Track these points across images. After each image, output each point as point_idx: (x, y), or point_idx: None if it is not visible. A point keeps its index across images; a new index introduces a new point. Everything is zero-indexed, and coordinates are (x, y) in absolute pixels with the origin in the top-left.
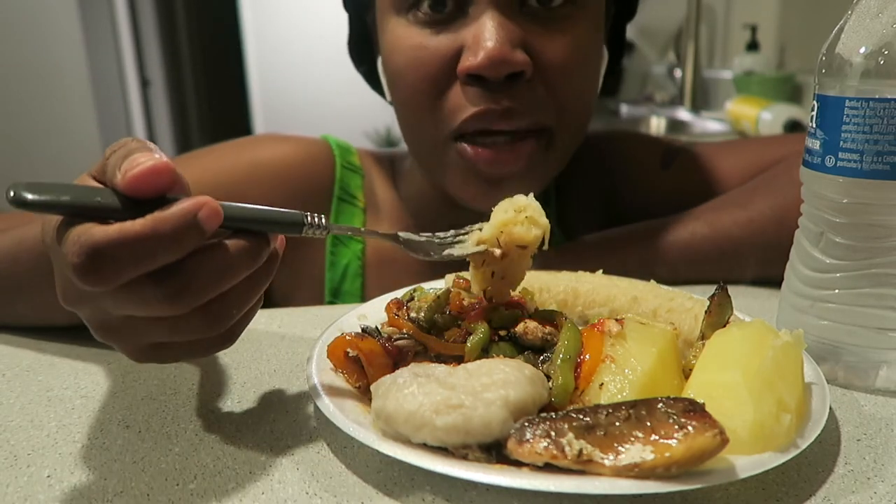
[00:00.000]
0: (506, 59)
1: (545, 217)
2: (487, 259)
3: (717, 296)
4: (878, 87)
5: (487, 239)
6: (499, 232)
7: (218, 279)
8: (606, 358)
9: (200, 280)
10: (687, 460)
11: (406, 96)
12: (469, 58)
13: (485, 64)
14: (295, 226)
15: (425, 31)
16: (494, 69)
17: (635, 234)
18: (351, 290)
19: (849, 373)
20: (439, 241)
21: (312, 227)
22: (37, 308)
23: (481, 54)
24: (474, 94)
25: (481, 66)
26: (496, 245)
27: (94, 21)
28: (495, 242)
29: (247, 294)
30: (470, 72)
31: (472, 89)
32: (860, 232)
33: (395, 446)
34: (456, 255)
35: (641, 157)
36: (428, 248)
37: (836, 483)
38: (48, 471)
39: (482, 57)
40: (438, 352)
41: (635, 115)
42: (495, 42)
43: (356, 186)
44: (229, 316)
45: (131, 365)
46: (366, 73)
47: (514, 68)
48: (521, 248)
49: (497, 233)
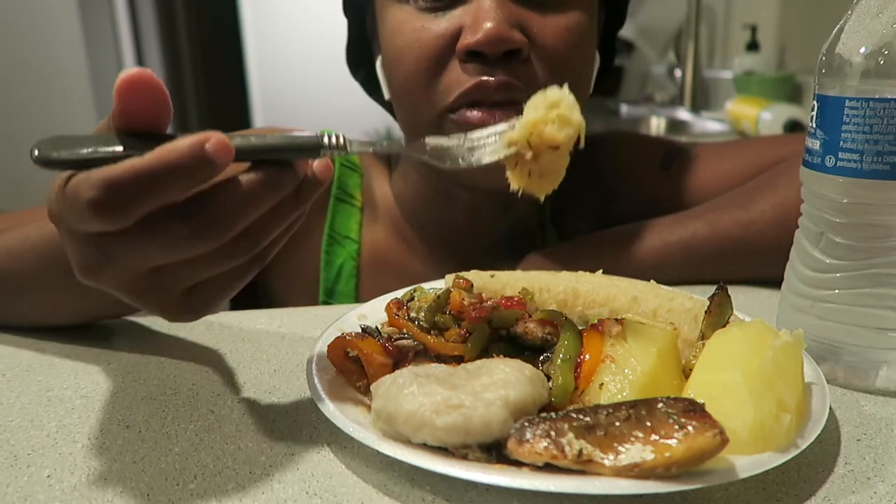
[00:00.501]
0: (503, 37)
1: (579, 112)
2: (520, 160)
3: (717, 296)
4: (878, 87)
5: (518, 140)
6: (529, 133)
7: (242, 210)
8: (606, 358)
9: (225, 212)
10: (687, 460)
11: (405, 76)
12: (468, 36)
13: (483, 40)
14: (314, 149)
15: (426, 16)
16: (492, 46)
17: (635, 233)
18: (345, 290)
19: (849, 373)
20: (468, 145)
21: (331, 148)
22: (38, 307)
23: (480, 32)
24: (472, 69)
25: (479, 43)
26: (527, 147)
27: (94, 21)
28: (526, 144)
29: (274, 222)
30: (469, 49)
31: (469, 66)
32: (860, 232)
33: (395, 446)
34: (486, 160)
35: (641, 158)
36: (456, 154)
37: (836, 483)
38: (48, 471)
39: (481, 34)
40: (438, 352)
41: (635, 116)
42: (494, 20)
43: (354, 185)
44: (256, 243)
45: (131, 365)
46: (363, 79)
47: (512, 45)
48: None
49: (528, 133)
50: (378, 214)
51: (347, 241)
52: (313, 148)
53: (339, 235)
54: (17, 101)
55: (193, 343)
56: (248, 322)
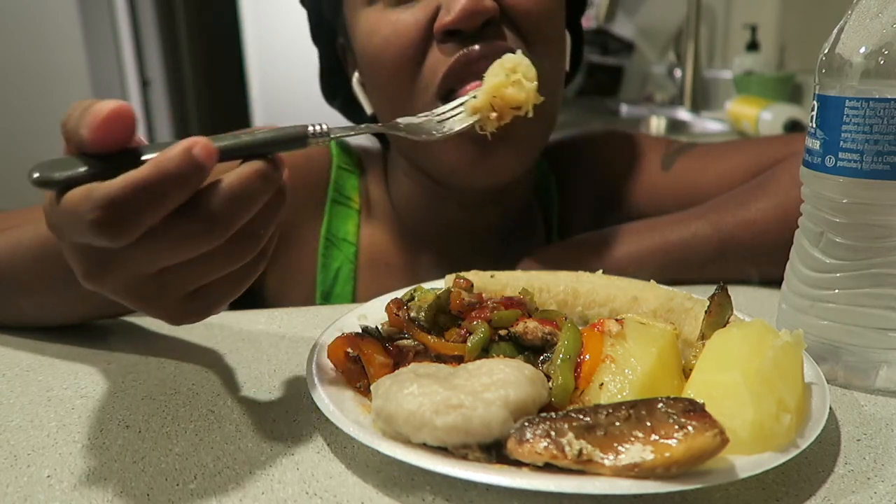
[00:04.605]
0: (479, 8)
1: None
2: (486, 123)
3: (717, 296)
4: (878, 87)
5: (482, 106)
6: (491, 97)
7: (242, 203)
8: (606, 358)
9: (226, 207)
10: (687, 460)
11: (389, 74)
12: (445, 16)
13: (460, 16)
14: (300, 139)
15: (398, 10)
16: (470, 20)
17: (635, 232)
18: (342, 293)
19: (849, 373)
20: (438, 118)
21: (315, 136)
22: (38, 307)
23: (456, 8)
24: (451, 48)
25: (457, 20)
26: (490, 110)
27: (94, 21)
28: (489, 108)
29: (269, 215)
30: (447, 27)
31: (448, 45)
32: (860, 232)
33: (395, 446)
34: (456, 129)
35: (641, 157)
36: (429, 128)
37: (836, 483)
38: (48, 471)
39: (457, 10)
40: (438, 352)
41: (635, 115)
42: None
43: (352, 187)
44: (258, 237)
45: (131, 364)
46: (341, 105)
47: (487, 14)
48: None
49: (490, 98)
50: (376, 217)
51: (344, 243)
52: (300, 138)
53: (336, 238)
54: (17, 101)
55: (193, 343)
56: (248, 322)
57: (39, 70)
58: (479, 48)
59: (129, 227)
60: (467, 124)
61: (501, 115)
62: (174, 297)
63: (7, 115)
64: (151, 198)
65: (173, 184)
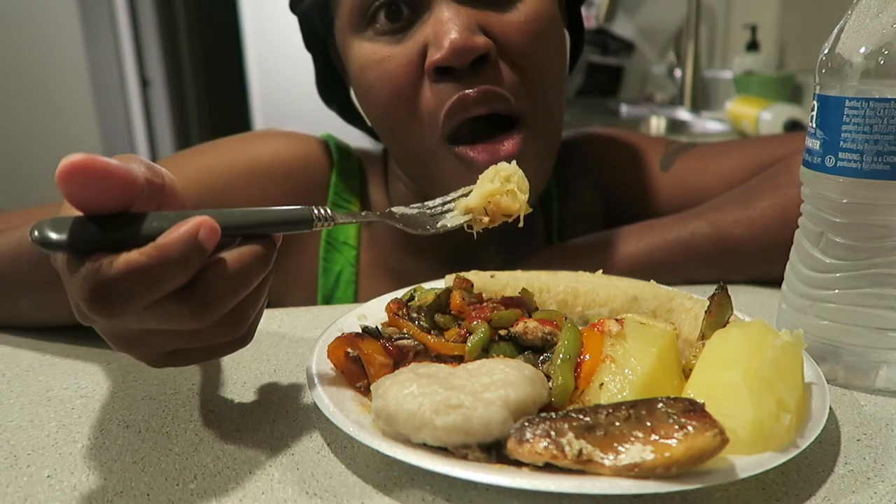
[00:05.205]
0: (468, 45)
1: (527, 184)
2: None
3: (717, 296)
4: (878, 87)
5: (475, 207)
6: (486, 202)
7: (236, 288)
8: (606, 358)
9: (220, 292)
10: (687, 460)
11: (383, 111)
12: (434, 53)
13: (449, 54)
14: (304, 222)
15: (388, 43)
16: (460, 57)
17: (635, 233)
18: (344, 297)
19: (849, 373)
20: (430, 212)
21: (320, 220)
22: (39, 308)
23: (445, 45)
24: (446, 88)
25: (446, 58)
26: (483, 213)
27: (94, 21)
28: (482, 211)
29: (258, 294)
30: (437, 65)
31: (442, 85)
32: (860, 232)
33: (395, 446)
34: (450, 226)
35: (641, 158)
36: (423, 222)
37: (836, 483)
38: (48, 471)
39: (446, 48)
40: (438, 352)
41: (635, 115)
42: (455, 31)
43: (352, 190)
44: (247, 317)
45: (131, 365)
46: (339, 109)
47: (478, 52)
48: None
49: (484, 202)
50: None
51: (346, 247)
52: (305, 221)
53: (337, 242)
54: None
55: None
56: None
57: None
58: (477, 91)
59: (120, 309)
60: (459, 223)
61: (493, 220)
62: (155, 351)
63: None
64: (148, 283)
65: (174, 270)
